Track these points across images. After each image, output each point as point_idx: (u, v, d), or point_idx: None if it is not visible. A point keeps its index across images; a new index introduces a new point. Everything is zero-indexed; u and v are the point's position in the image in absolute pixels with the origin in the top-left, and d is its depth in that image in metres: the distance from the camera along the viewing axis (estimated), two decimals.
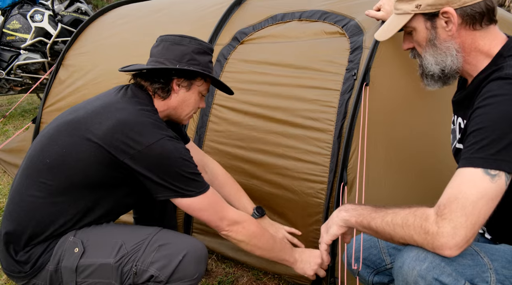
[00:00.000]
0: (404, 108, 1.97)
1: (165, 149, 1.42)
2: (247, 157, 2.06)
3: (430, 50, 1.29)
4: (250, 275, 2.14)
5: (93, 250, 1.46)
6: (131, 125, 1.42)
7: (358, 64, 1.92)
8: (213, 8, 2.57)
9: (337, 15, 2.12)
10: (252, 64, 2.19)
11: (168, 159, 1.42)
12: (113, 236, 1.49)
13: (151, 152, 1.40)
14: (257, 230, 1.60)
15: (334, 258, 1.87)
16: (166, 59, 1.53)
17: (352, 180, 1.83)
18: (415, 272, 1.10)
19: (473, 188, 1.06)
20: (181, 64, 1.53)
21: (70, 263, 1.45)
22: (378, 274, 1.47)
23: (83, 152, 1.43)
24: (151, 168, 1.42)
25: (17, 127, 4.41)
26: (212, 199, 1.52)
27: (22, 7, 4.58)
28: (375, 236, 1.25)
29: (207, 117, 2.20)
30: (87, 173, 1.45)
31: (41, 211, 1.46)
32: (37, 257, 1.47)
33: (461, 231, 1.05)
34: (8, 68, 4.50)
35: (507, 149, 1.07)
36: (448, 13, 1.23)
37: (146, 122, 1.44)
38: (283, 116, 2.01)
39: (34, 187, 1.47)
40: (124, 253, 1.44)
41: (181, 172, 1.44)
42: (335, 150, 1.86)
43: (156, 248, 1.44)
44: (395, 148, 1.89)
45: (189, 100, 1.61)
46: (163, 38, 1.58)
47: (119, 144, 1.41)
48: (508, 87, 1.12)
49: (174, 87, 1.57)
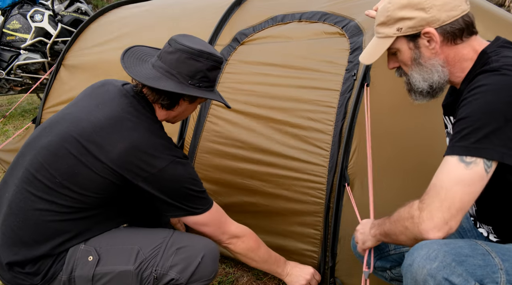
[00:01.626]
0: (404, 108, 1.98)
1: (177, 171, 1.46)
2: (246, 157, 2.06)
3: (416, 69, 1.33)
4: (250, 275, 2.14)
5: (109, 257, 1.45)
6: (144, 148, 1.43)
7: (358, 64, 1.92)
8: (213, 8, 2.57)
9: (337, 16, 2.12)
10: (252, 65, 2.19)
11: (179, 182, 1.47)
12: (127, 242, 1.49)
13: (164, 175, 1.44)
14: (255, 245, 1.70)
15: (335, 258, 1.87)
16: (179, 73, 1.50)
17: (353, 180, 1.83)
18: (425, 271, 1.10)
19: (447, 175, 1.13)
20: (193, 81, 1.52)
21: (86, 272, 1.43)
22: (380, 259, 1.49)
23: (96, 174, 1.41)
24: (163, 190, 1.46)
25: (17, 127, 4.41)
26: (216, 215, 1.59)
27: (22, 7, 4.57)
28: (392, 241, 1.32)
29: (205, 117, 2.20)
30: (99, 193, 1.44)
31: (50, 226, 1.43)
32: (48, 268, 1.44)
33: (437, 214, 1.12)
34: (8, 68, 4.50)
35: (489, 138, 1.10)
36: (429, 33, 1.26)
37: (158, 144, 1.46)
38: (283, 117, 2.01)
39: (42, 204, 1.42)
40: (143, 259, 1.45)
41: (190, 192, 1.50)
42: (334, 150, 1.87)
43: (174, 251, 1.47)
44: (395, 148, 1.89)
45: (189, 110, 1.65)
46: (180, 48, 1.50)
47: (133, 167, 1.42)
48: (492, 78, 1.15)
49: (180, 102, 1.58)
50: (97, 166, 1.41)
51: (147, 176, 1.43)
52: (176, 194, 1.48)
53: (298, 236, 1.96)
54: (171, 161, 1.45)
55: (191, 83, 1.51)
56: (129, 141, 1.42)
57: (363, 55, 1.43)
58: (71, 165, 1.41)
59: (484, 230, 1.39)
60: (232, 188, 2.11)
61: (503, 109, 1.11)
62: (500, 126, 1.10)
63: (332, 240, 1.86)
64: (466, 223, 1.50)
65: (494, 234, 1.35)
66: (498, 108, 1.11)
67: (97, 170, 1.41)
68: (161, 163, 1.43)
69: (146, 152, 1.42)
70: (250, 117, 2.09)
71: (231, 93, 2.17)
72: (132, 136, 1.43)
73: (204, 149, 2.17)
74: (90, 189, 1.42)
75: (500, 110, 1.11)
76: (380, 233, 1.33)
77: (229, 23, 2.39)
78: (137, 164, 1.42)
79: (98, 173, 1.41)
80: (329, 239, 1.88)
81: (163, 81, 1.49)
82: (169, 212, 1.52)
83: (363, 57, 1.43)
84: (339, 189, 1.84)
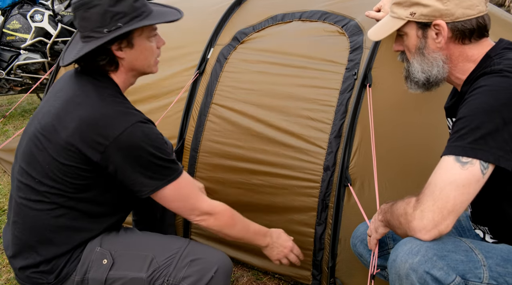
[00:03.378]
0: (404, 108, 1.98)
1: (133, 137, 1.34)
2: (246, 157, 2.06)
3: (418, 58, 1.32)
4: (250, 275, 2.14)
5: (123, 262, 1.44)
6: (94, 120, 1.34)
7: (359, 63, 1.92)
8: (213, 8, 2.57)
9: (337, 16, 2.12)
10: (252, 63, 2.19)
11: (137, 148, 1.35)
12: (143, 248, 1.47)
13: (119, 144, 1.33)
14: (229, 222, 1.56)
15: (335, 259, 1.87)
16: (91, 31, 1.38)
17: (354, 180, 1.83)
18: (407, 265, 1.12)
19: (443, 175, 1.13)
20: (107, 27, 1.36)
21: (99, 275, 1.43)
22: (380, 257, 1.49)
23: (60, 163, 1.37)
24: (122, 161, 1.36)
25: (17, 127, 4.41)
26: (184, 189, 1.46)
27: (22, 7, 4.57)
28: (394, 231, 1.30)
29: (205, 116, 2.20)
30: (74, 183, 1.40)
31: (47, 226, 1.43)
32: (62, 267, 1.44)
33: (428, 214, 1.11)
34: (8, 68, 4.49)
35: (485, 139, 1.10)
36: (439, 26, 1.25)
37: (110, 113, 1.36)
38: (282, 115, 2.01)
39: (34, 205, 1.42)
40: (156, 267, 1.42)
41: (152, 160, 1.37)
42: (332, 149, 1.87)
43: (187, 263, 1.43)
44: (395, 148, 1.89)
45: (141, 54, 1.46)
46: (74, 7, 1.39)
47: (89, 143, 1.34)
48: (492, 79, 1.15)
49: (117, 54, 1.43)
50: (58, 153, 1.37)
51: (104, 149, 1.33)
52: (136, 163, 1.36)
53: (297, 235, 1.95)
54: (126, 128, 1.33)
55: (107, 30, 1.36)
56: (78, 118, 1.35)
57: (371, 31, 1.42)
58: (41, 161, 1.40)
59: (480, 231, 1.39)
60: (230, 187, 2.11)
61: (501, 110, 1.11)
62: (498, 127, 1.10)
63: (332, 240, 1.86)
64: (466, 222, 1.50)
65: (490, 235, 1.35)
66: (496, 109, 1.11)
67: (59, 158, 1.37)
68: (115, 131, 1.33)
69: (97, 124, 1.34)
70: (249, 116, 2.08)
71: (231, 92, 2.17)
72: (80, 112, 1.36)
73: (205, 148, 2.18)
74: (63, 181, 1.39)
75: (498, 111, 1.11)
76: (385, 220, 1.32)
77: (229, 23, 2.39)
78: (92, 138, 1.33)
79: (61, 161, 1.37)
80: (328, 238, 1.87)
81: (78, 49, 1.41)
82: (135, 187, 1.40)
83: (372, 33, 1.42)
84: (339, 189, 1.83)
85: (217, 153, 2.14)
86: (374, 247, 1.43)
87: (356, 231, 1.59)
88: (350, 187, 1.82)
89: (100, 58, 1.42)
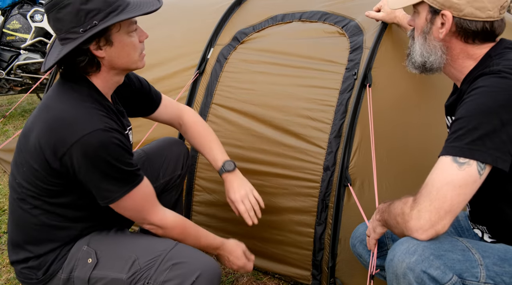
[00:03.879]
0: (404, 108, 1.98)
1: (90, 146, 1.29)
2: (246, 157, 2.06)
3: (420, 41, 1.33)
4: (250, 275, 2.14)
5: (106, 262, 1.42)
6: (56, 124, 1.32)
7: (359, 63, 1.92)
8: (213, 8, 2.57)
9: (337, 16, 2.12)
10: (252, 63, 2.19)
11: (92, 158, 1.31)
12: (127, 249, 1.45)
13: (75, 151, 1.30)
14: (179, 236, 1.53)
15: (335, 259, 1.87)
16: (67, 33, 1.32)
17: (354, 180, 1.84)
18: (404, 264, 1.13)
19: (440, 175, 1.13)
20: (82, 26, 1.30)
21: (83, 274, 1.42)
22: (379, 258, 1.50)
23: (34, 168, 1.37)
24: (79, 168, 1.32)
25: (17, 127, 4.41)
26: (137, 202, 1.43)
27: (22, 7, 4.57)
28: (391, 230, 1.30)
29: (206, 116, 2.20)
30: (49, 188, 1.39)
31: (30, 224, 1.44)
32: (49, 265, 1.45)
33: (425, 214, 1.12)
34: (8, 68, 4.49)
35: (482, 139, 1.11)
36: (446, 17, 1.25)
37: (70, 118, 1.32)
38: (282, 115, 2.01)
39: (19, 204, 1.45)
40: (137, 269, 1.39)
41: (106, 170, 1.33)
42: (332, 149, 1.87)
43: (169, 266, 1.39)
44: (395, 148, 1.90)
45: (122, 50, 1.39)
46: (45, 7, 1.34)
47: (50, 147, 1.32)
48: (491, 80, 1.15)
49: (96, 54, 1.36)
50: (30, 155, 1.37)
51: (62, 155, 1.31)
52: (92, 172, 1.32)
53: (297, 235, 1.95)
54: (83, 135, 1.28)
55: (83, 30, 1.30)
56: (43, 122, 1.35)
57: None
58: (19, 163, 1.44)
59: (479, 230, 1.39)
60: None
61: (499, 111, 1.11)
62: (495, 128, 1.10)
63: (332, 240, 1.86)
64: (465, 221, 1.50)
65: (488, 234, 1.35)
66: (494, 110, 1.11)
67: (31, 160, 1.37)
68: (72, 138, 1.28)
69: (57, 129, 1.31)
70: (249, 116, 2.09)
71: (231, 92, 2.17)
72: (45, 116, 1.36)
73: None
74: (37, 185, 1.39)
75: (496, 112, 1.11)
76: (382, 219, 1.33)
77: (229, 23, 2.39)
78: (52, 143, 1.31)
79: (32, 165, 1.37)
80: (328, 238, 1.87)
81: (57, 53, 1.35)
82: (96, 194, 1.38)
83: (392, 0, 1.42)
84: (339, 189, 1.83)
85: None
86: (373, 247, 1.43)
87: (356, 231, 1.59)
88: (350, 187, 1.82)
89: (79, 60, 1.35)
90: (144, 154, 1.83)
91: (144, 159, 1.81)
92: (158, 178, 1.82)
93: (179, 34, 2.58)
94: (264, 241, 2.05)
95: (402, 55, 1.81)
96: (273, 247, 2.03)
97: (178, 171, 1.88)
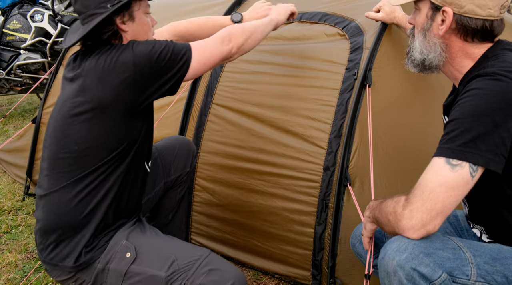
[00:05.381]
0: (404, 108, 1.98)
1: (141, 51, 1.42)
2: (246, 156, 2.06)
3: (420, 38, 1.34)
4: (250, 275, 2.14)
5: (145, 258, 1.45)
6: (112, 61, 1.40)
7: (359, 64, 1.93)
8: (213, 9, 2.57)
9: (338, 17, 2.12)
10: (252, 64, 2.20)
11: (144, 56, 1.42)
12: (166, 249, 1.48)
13: (138, 63, 1.40)
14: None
15: (335, 259, 1.88)
16: (95, 8, 1.46)
17: (354, 180, 1.84)
18: (394, 262, 1.15)
19: (433, 176, 1.14)
20: (111, 2, 1.45)
21: (121, 267, 1.44)
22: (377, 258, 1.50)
23: (92, 126, 1.42)
24: (151, 70, 1.42)
25: (17, 127, 4.41)
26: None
27: (22, 7, 4.57)
28: (381, 228, 1.32)
29: (206, 116, 2.20)
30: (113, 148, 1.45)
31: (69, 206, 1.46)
32: (87, 251, 1.45)
33: (417, 214, 1.13)
34: (8, 68, 4.50)
35: (475, 141, 1.12)
36: (446, 13, 1.25)
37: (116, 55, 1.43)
38: (282, 116, 2.01)
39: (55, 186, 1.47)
40: (176, 269, 1.43)
41: (164, 55, 1.45)
42: (332, 149, 1.87)
43: (206, 271, 1.43)
44: (395, 148, 1.90)
45: (141, 28, 1.56)
46: None
47: (117, 83, 1.39)
48: (484, 82, 1.16)
49: (121, 27, 1.50)
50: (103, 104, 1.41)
51: (133, 77, 1.40)
52: (159, 69, 1.44)
53: (297, 235, 1.96)
54: (131, 47, 1.43)
55: (110, 5, 1.45)
56: (99, 72, 1.41)
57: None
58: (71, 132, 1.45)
59: (477, 230, 1.40)
60: (231, 187, 2.11)
61: (492, 114, 1.12)
62: (488, 131, 1.11)
63: (332, 240, 1.87)
64: (465, 221, 1.51)
65: (486, 234, 1.36)
66: (487, 113, 1.12)
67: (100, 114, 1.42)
68: (130, 59, 1.40)
69: (113, 64, 1.40)
70: (249, 116, 2.09)
71: (231, 92, 2.18)
72: (96, 70, 1.42)
73: (205, 148, 2.18)
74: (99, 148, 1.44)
75: (489, 114, 1.12)
76: (372, 217, 1.35)
77: None
78: (116, 79, 1.39)
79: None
80: (328, 238, 1.88)
81: (82, 30, 1.48)
82: (172, 81, 1.50)
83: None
84: (339, 189, 1.84)
85: (217, 153, 2.15)
86: (368, 245, 1.45)
87: (356, 231, 1.59)
88: (349, 187, 1.82)
89: (106, 30, 1.47)
90: (156, 150, 1.87)
91: (156, 155, 1.86)
92: (170, 173, 1.89)
93: None
94: (264, 241, 2.05)
95: (402, 55, 1.81)
96: (273, 247, 2.03)
97: (187, 168, 1.95)
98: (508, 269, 1.16)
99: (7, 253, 2.37)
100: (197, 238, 2.25)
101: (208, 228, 2.22)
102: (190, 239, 2.26)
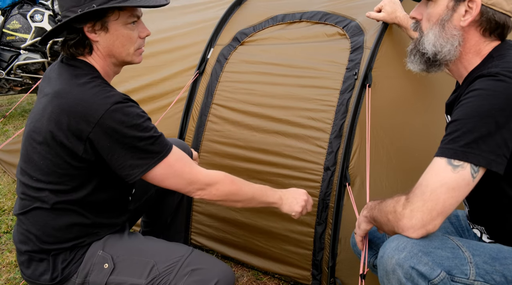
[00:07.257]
0: (404, 108, 1.98)
1: (115, 118, 1.29)
2: (246, 157, 2.06)
3: (435, 30, 1.28)
4: (250, 275, 2.14)
5: (123, 268, 1.42)
6: (74, 107, 1.30)
7: (359, 63, 1.92)
8: (213, 9, 2.57)
9: (338, 16, 2.12)
10: (252, 64, 2.19)
11: (117, 131, 1.30)
12: (145, 254, 1.44)
13: (102, 128, 1.29)
14: (233, 188, 1.49)
15: (335, 259, 1.87)
16: (67, 11, 1.35)
17: (354, 180, 1.84)
18: (393, 260, 1.15)
19: (434, 177, 1.14)
20: (82, 7, 1.33)
21: (100, 279, 1.41)
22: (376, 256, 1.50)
23: (46, 156, 1.35)
24: (108, 146, 1.31)
25: (17, 127, 4.40)
26: (176, 164, 1.40)
27: (22, 7, 4.57)
28: (379, 227, 1.33)
29: (206, 116, 2.20)
30: (61, 173, 1.36)
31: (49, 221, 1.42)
32: (63, 267, 1.42)
33: (417, 214, 1.13)
34: (8, 68, 4.49)
35: (477, 142, 1.11)
36: (473, 3, 1.21)
37: (87, 97, 1.31)
38: (283, 116, 2.01)
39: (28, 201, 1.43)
40: (156, 275, 1.39)
41: (135, 142, 1.32)
42: (333, 149, 1.87)
43: (188, 272, 1.39)
44: (395, 148, 1.90)
45: (116, 40, 1.41)
46: None
47: (73, 131, 1.30)
48: (488, 83, 1.15)
49: (90, 36, 1.38)
50: (50, 148, 1.34)
51: (87, 136, 1.29)
52: (121, 145, 1.31)
53: (297, 235, 1.96)
54: (106, 110, 1.28)
55: (81, 10, 1.33)
56: (58, 108, 1.32)
57: None
58: (36, 159, 1.39)
59: (478, 230, 1.40)
60: None
61: (495, 114, 1.11)
62: (490, 132, 1.11)
63: (332, 240, 1.86)
64: (466, 221, 1.51)
65: (487, 235, 1.36)
66: (490, 114, 1.11)
67: (46, 151, 1.34)
68: (95, 116, 1.28)
69: (77, 111, 1.29)
70: (250, 116, 2.09)
71: (231, 92, 2.18)
72: (58, 102, 1.33)
73: (205, 148, 2.18)
74: (54, 172, 1.37)
75: (492, 115, 1.11)
76: (370, 216, 1.34)
77: (229, 23, 2.40)
78: (74, 126, 1.30)
79: (50, 158, 1.34)
80: (329, 238, 1.88)
81: (52, 31, 1.39)
82: (124, 172, 1.35)
83: None
84: (340, 188, 1.84)
85: (217, 153, 2.14)
86: (361, 244, 1.45)
87: None
88: (348, 187, 1.82)
89: (70, 37, 1.37)
90: None
91: None
92: None
93: (179, 35, 2.58)
94: (264, 241, 2.05)
95: (403, 55, 1.82)
96: (273, 247, 2.03)
97: None
98: (507, 269, 1.16)
99: (7, 253, 2.37)
100: (197, 238, 2.25)
101: (208, 228, 2.22)
102: (190, 239, 2.26)
